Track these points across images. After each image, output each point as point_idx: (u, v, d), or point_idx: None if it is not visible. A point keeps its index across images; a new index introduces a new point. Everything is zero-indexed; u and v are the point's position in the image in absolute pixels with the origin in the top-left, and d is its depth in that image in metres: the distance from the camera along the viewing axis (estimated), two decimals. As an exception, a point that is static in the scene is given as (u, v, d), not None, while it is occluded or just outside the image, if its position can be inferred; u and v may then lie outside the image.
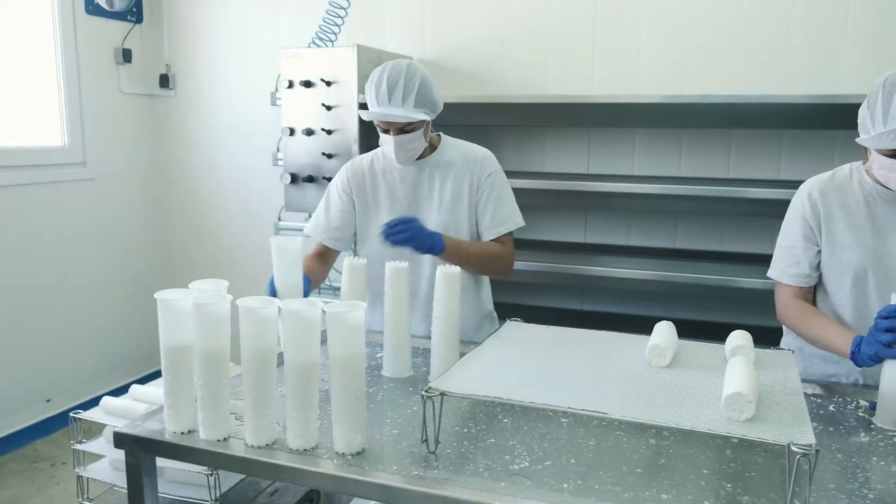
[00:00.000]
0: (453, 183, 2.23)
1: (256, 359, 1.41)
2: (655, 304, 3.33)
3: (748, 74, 3.14)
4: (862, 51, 2.99)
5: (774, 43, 3.10)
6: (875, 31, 2.97)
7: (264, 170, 3.91)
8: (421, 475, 1.34)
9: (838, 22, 3.01)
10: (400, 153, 2.15)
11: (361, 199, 2.29)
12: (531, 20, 3.44)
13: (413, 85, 2.08)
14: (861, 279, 1.86)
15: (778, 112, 2.89)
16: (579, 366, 1.63)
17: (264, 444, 1.45)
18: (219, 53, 4.10)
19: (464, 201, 2.23)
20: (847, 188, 1.90)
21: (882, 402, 1.60)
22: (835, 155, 3.10)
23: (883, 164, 1.76)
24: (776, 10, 3.08)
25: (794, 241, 1.95)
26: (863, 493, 1.31)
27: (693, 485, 1.32)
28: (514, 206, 2.29)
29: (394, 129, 2.11)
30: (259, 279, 4.00)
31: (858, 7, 2.98)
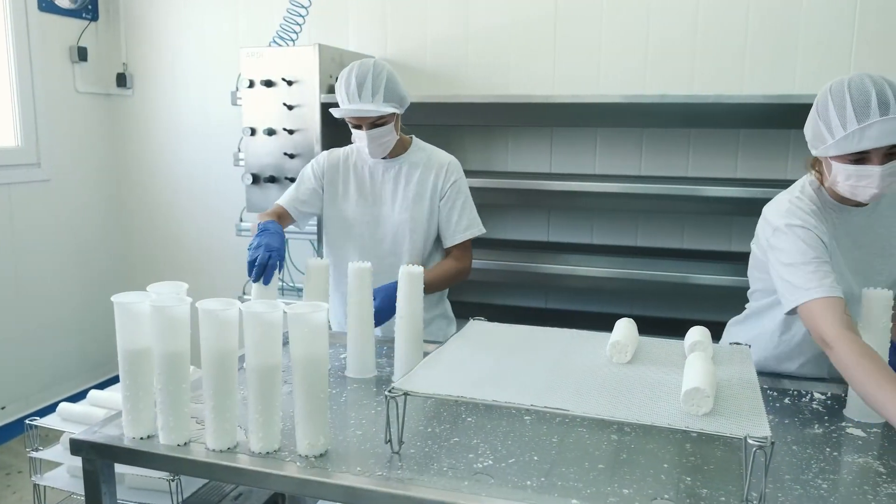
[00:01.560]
0: (417, 184, 2.31)
1: (217, 361, 1.39)
2: (618, 302, 3.38)
3: (706, 75, 3.20)
4: (814, 53, 3.06)
5: (731, 45, 3.16)
6: (826, 34, 3.05)
7: (225, 170, 3.87)
8: (385, 476, 1.34)
9: (792, 25, 3.08)
10: (373, 147, 2.22)
11: (332, 189, 2.37)
12: (493, 20, 3.46)
13: (381, 80, 2.16)
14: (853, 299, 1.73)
15: (734, 112, 2.95)
16: (542, 364, 1.64)
17: (226, 447, 1.43)
18: (177, 52, 4.04)
19: (424, 203, 2.31)
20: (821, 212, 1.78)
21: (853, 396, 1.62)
22: (788, 153, 3.18)
23: (849, 173, 1.66)
24: (732, 13, 3.14)
25: (818, 253, 1.69)
26: (817, 483, 1.34)
27: (654, 479, 1.34)
28: (476, 214, 2.39)
29: (366, 124, 2.19)
30: (220, 280, 3.98)
31: (810, 11, 3.06)
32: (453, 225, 2.33)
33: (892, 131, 1.57)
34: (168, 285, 1.55)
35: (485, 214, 2.42)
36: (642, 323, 1.91)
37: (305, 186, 2.38)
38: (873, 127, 1.57)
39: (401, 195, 2.32)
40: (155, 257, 4.30)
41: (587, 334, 1.87)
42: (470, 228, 2.34)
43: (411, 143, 2.37)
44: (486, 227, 2.38)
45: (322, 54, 3.16)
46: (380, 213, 2.34)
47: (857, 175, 1.65)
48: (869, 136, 1.58)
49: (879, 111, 1.57)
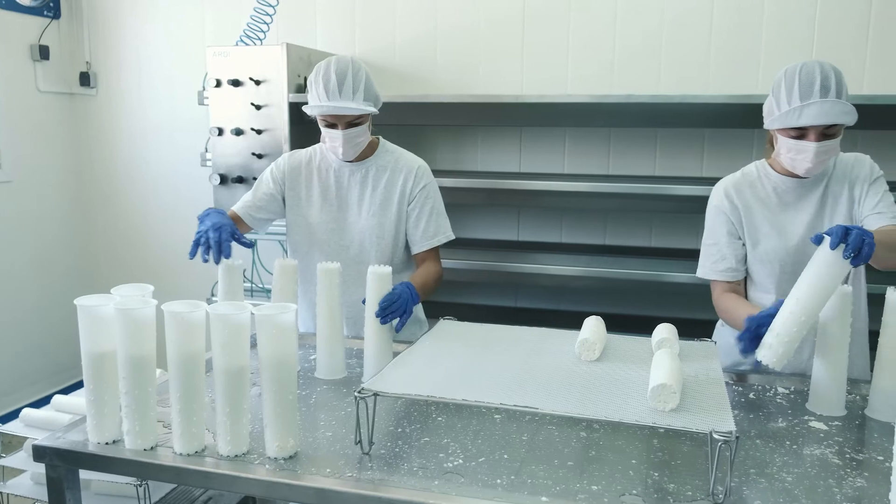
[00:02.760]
0: (384, 189, 2.23)
1: (183, 364, 1.38)
2: (587, 300, 3.40)
3: (671, 76, 3.24)
4: (776, 54, 3.12)
5: (695, 46, 3.20)
6: (787, 36, 3.11)
7: (192, 170, 3.81)
8: (355, 477, 1.34)
9: (754, 27, 3.14)
10: (347, 148, 2.13)
11: (293, 194, 2.27)
12: (461, 20, 3.46)
13: (361, 78, 2.08)
14: (786, 267, 1.95)
15: (699, 112, 2.99)
16: (511, 362, 1.65)
17: (193, 451, 1.42)
18: (143, 51, 3.98)
19: (392, 208, 2.23)
20: (757, 183, 2.01)
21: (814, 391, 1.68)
22: (752, 152, 3.23)
23: (790, 146, 1.85)
24: (697, 15, 3.18)
25: (717, 238, 2.03)
26: (781, 476, 1.37)
27: (622, 475, 1.36)
28: (446, 218, 2.31)
29: (342, 123, 2.09)
30: (188, 282, 3.94)
31: (771, 14, 3.11)
32: (421, 231, 2.24)
33: (827, 112, 1.76)
34: (133, 287, 1.53)
35: (455, 214, 2.41)
36: (611, 320, 1.94)
37: (263, 192, 2.27)
38: (812, 106, 1.77)
39: (367, 200, 2.23)
40: (120, 259, 4.23)
41: (556, 332, 1.89)
42: (438, 235, 2.26)
43: (378, 145, 2.28)
44: (455, 227, 2.35)
45: (290, 54, 3.13)
46: (345, 218, 2.24)
47: (796, 149, 1.85)
48: (807, 113, 1.77)
49: (820, 94, 1.77)
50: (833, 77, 1.79)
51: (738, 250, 2.01)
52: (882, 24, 3.01)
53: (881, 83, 3.01)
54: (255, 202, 2.26)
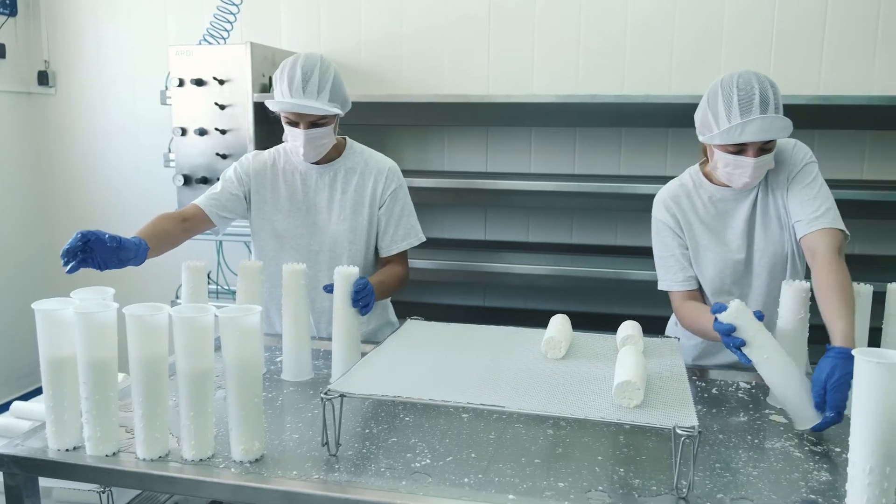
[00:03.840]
0: (354, 192, 2.18)
1: (146, 368, 1.36)
2: (554, 298, 3.43)
3: (635, 76, 3.28)
4: (736, 55, 3.17)
5: (658, 47, 3.25)
6: (746, 37, 3.16)
7: (155, 171, 3.75)
8: (322, 479, 1.33)
9: (714, 29, 3.19)
10: (309, 149, 2.07)
11: (259, 198, 2.20)
12: (427, 19, 3.46)
13: (328, 77, 2.02)
14: (725, 278, 1.96)
15: (663, 111, 3.02)
16: (478, 361, 1.65)
17: (157, 456, 1.40)
18: (103, 49, 3.90)
19: (364, 212, 2.19)
20: (693, 193, 1.99)
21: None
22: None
23: (727, 161, 1.82)
24: (659, 17, 3.23)
25: (672, 250, 2.00)
26: (747, 470, 1.40)
27: (588, 471, 1.37)
28: (416, 221, 2.28)
29: (305, 122, 2.03)
30: (152, 285, 3.87)
31: (732, 16, 3.17)
32: (391, 234, 2.21)
33: (768, 129, 1.74)
34: (93, 291, 1.50)
35: (422, 214, 2.40)
36: (578, 318, 1.95)
37: (229, 192, 2.16)
38: (753, 123, 1.73)
39: (338, 204, 2.17)
40: (82, 262, 4.14)
41: (522, 331, 1.90)
42: (408, 238, 2.23)
43: (346, 147, 2.23)
44: (423, 226, 2.33)
45: (254, 53, 3.10)
46: (315, 223, 2.19)
47: (734, 164, 1.82)
48: (749, 130, 1.74)
49: (760, 109, 1.74)
50: (770, 91, 1.76)
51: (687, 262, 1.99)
52: (837, 27, 3.08)
53: (836, 84, 3.08)
54: (223, 202, 2.15)
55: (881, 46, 3.05)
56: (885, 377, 1.12)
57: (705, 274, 1.97)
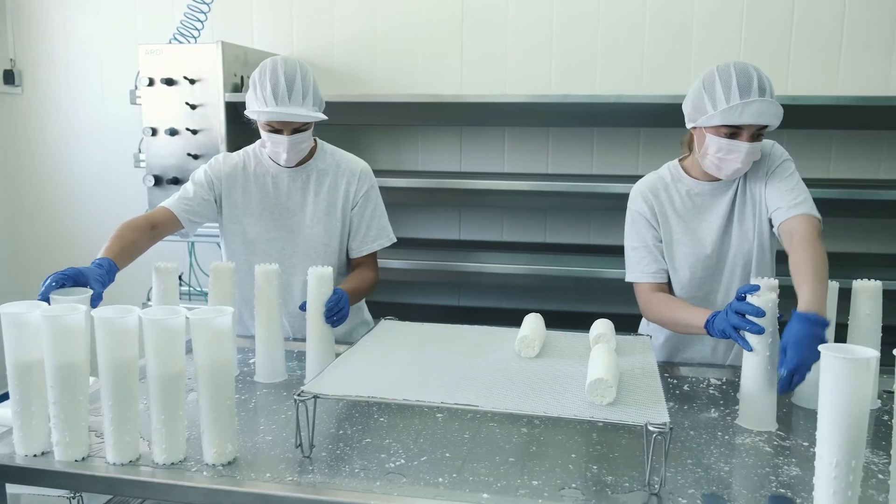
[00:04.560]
0: (328, 194, 2.18)
1: (115, 371, 1.34)
2: (529, 297, 3.44)
3: (607, 77, 3.31)
4: (705, 56, 3.21)
5: (630, 48, 3.28)
6: (716, 38, 3.20)
7: (125, 172, 3.70)
8: (296, 481, 1.33)
9: (684, 30, 3.22)
10: (291, 154, 2.07)
11: (230, 202, 2.17)
12: (400, 19, 3.46)
13: (309, 82, 2.01)
14: (696, 273, 1.98)
15: (634, 111, 3.06)
16: (452, 361, 1.65)
17: (128, 460, 1.38)
18: (71, 48, 3.84)
19: (337, 214, 2.18)
20: (671, 185, 2.01)
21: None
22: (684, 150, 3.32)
23: (721, 146, 1.83)
24: (631, 18, 3.26)
25: (644, 241, 2.00)
26: (718, 465, 1.41)
27: (562, 469, 1.38)
28: (387, 222, 2.28)
29: (289, 129, 2.02)
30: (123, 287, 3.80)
31: (701, 17, 3.21)
32: (362, 235, 2.21)
33: (766, 112, 1.78)
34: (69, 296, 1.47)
35: (396, 214, 2.41)
36: (552, 317, 1.96)
37: (201, 196, 2.13)
38: (753, 104, 1.77)
39: (311, 206, 2.16)
40: (50, 264, 4.06)
41: (496, 330, 1.90)
42: (379, 239, 2.23)
43: (317, 148, 2.22)
44: (397, 227, 2.35)
45: (225, 52, 3.08)
46: (288, 226, 2.17)
47: (728, 149, 1.83)
48: (749, 111, 1.77)
49: (759, 92, 1.78)
50: (766, 78, 1.80)
51: (663, 252, 2.01)
52: (804, 29, 3.13)
53: (804, 84, 3.14)
54: (195, 207, 2.11)
55: (846, 48, 3.11)
56: (851, 372, 1.14)
57: (677, 268, 1.99)
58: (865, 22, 3.09)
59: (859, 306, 1.70)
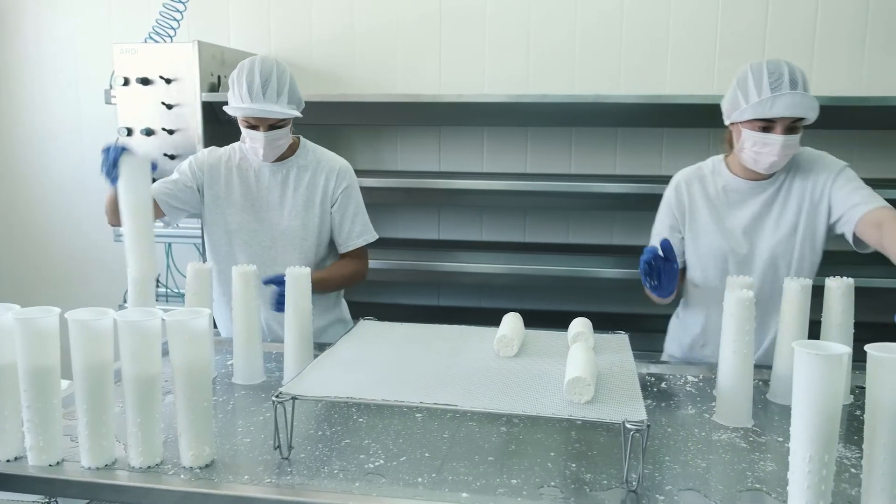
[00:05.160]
0: (306, 190, 2.23)
1: (90, 374, 1.32)
2: (508, 296, 3.45)
3: (585, 76, 3.32)
4: (682, 57, 3.24)
5: (607, 48, 3.29)
6: (692, 39, 3.23)
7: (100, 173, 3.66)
8: (274, 483, 1.32)
9: (661, 31, 3.25)
10: (268, 150, 2.13)
11: (212, 193, 2.24)
12: (379, 18, 3.45)
13: (285, 80, 2.08)
14: (722, 265, 2.02)
15: (612, 111, 3.07)
16: (431, 360, 1.66)
17: (103, 464, 1.36)
18: (44, 47, 3.78)
19: (315, 209, 2.23)
20: (708, 179, 2.06)
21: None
22: (662, 150, 3.35)
23: (755, 140, 1.88)
24: (608, 19, 3.27)
25: (661, 230, 2.10)
26: (696, 462, 1.43)
27: (541, 467, 1.38)
28: (368, 219, 2.33)
29: (264, 125, 2.09)
30: (98, 289, 3.78)
31: (678, 18, 3.23)
32: (346, 232, 2.27)
33: (798, 105, 1.81)
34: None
35: (375, 214, 2.41)
36: (531, 316, 1.97)
37: (183, 183, 2.20)
38: (784, 97, 1.81)
39: (289, 200, 2.22)
40: (23, 267, 4.01)
41: (475, 330, 1.91)
42: (363, 235, 2.29)
43: (299, 145, 2.28)
44: (376, 226, 2.37)
45: (202, 51, 3.05)
46: (267, 219, 2.23)
47: (763, 142, 1.87)
48: (780, 104, 1.82)
49: (790, 85, 1.82)
50: (798, 72, 1.84)
51: (677, 244, 2.04)
52: (778, 29, 3.17)
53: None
54: (175, 191, 2.17)
55: (819, 49, 3.16)
56: (824, 369, 1.16)
57: (702, 258, 2.03)
58: (839, 24, 3.14)
59: (832, 303, 1.72)
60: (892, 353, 1.16)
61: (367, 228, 2.31)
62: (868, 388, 1.17)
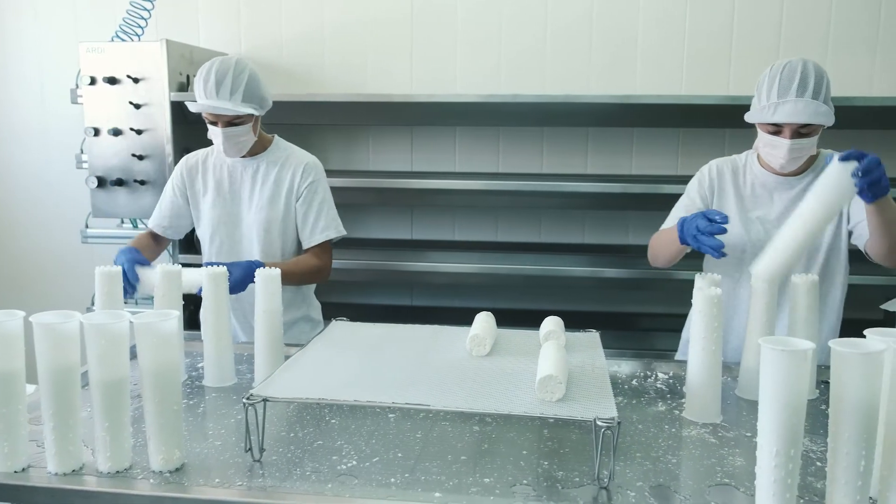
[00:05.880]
0: (273, 184, 2.28)
1: (56, 378, 1.30)
2: (481, 296, 3.46)
3: (556, 76, 3.34)
4: (652, 57, 3.28)
5: (578, 48, 3.32)
6: (661, 38, 3.27)
7: (67, 173, 3.60)
8: (246, 486, 1.31)
9: (631, 30, 3.28)
10: (228, 146, 2.19)
11: (193, 192, 2.34)
12: (349, 17, 3.44)
13: (241, 80, 2.13)
14: (740, 254, 2.03)
15: (582, 111, 3.10)
16: (404, 360, 1.65)
17: (70, 470, 1.34)
18: (8, 45, 3.71)
19: (280, 203, 2.28)
20: (740, 170, 2.09)
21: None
22: (632, 150, 3.38)
23: (766, 141, 1.92)
24: (578, 18, 3.30)
25: (692, 198, 2.10)
26: (666, 458, 1.44)
27: (513, 466, 1.39)
28: (336, 215, 2.35)
29: (222, 121, 2.15)
30: (66, 291, 3.72)
31: (647, 19, 3.27)
32: (310, 226, 2.29)
33: (800, 112, 1.82)
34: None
35: (347, 214, 2.41)
36: (504, 315, 1.98)
37: (166, 203, 2.35)
38: (787, 104, 1.83)
39: (257, 194, 2.28)
40: (-12, 269, 3.94)
41: (448, 329, 1.91)
42: (327, 230, 2.30)
43: (272, 143, 2.34)
44: (349, 227, 2.37)
45: (170, 50, 3.01)
46: (238, 213, 2.30)
47: (772, 144, 1.91)
48: (781, 111, 1.84)
49: (797, 92, 1.83)
50: (813, 77, 1.83)
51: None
52: (745, 30, 3.22)
53: (745, 85, 3.22)
54: (162, 214, 2.35)
55: (783, 49, 3.21)
56: (789, 364, 1.18)
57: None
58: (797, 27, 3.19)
59: (797, 299, 1.75)
60: (855, 348, 1.18)
61: (332, 224, 2.31)
62: (832, 382, 1.19)
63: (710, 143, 3.26)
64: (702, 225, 1.76)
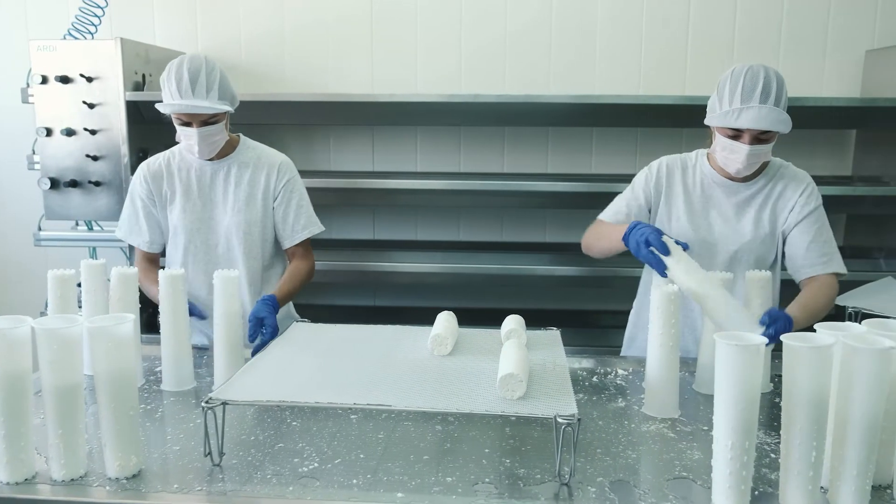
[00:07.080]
0: (248, 185, 2.25)
1: (6, 384, 1.27)
2: (443, 295, 3.46)
3: (516, 77, 3.36)
4: (609, 58, 3.32)
5: (537, 49, 3.35)
6: (618, 39, 3.31)
7: (18, 174, 3.50)
8: (205, 490, 1.29)
9: (589, 31, 3.32)
10: (203, 146, 2.13)
11: (160, 199, 2.26)
12: (309, 16, 3.41)
13: (214, 77, 2.09)
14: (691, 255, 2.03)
15: (542, 111, 3.12)
16: (366, 361, 1.65)
17: (23, 478, 1.31)
18: (-46, 43, 3.60)
19: (257, 204, 2.25)
20: (689, 169, 2.10)
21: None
22: (592, 149, 3.42)
23: (725, 145, 1.92)
24: (537, 19, 3.32)
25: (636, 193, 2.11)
26: (626, 453, 1.46)
27: (476, 464, 1.40)
28: (313, 212, 2.35)
29: (197, 121, 2.09)
30: (18, 296, 3.62)
31: (605, 20, 3.31)
32: (290, 225, 2.28)
33: (764, 118, 1.83)
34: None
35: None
36: (466, 314, 1.98)
37: (143, 216, 2.26)
38: (750, 110, 1.84)
39: (231, 197, 2.23)
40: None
41: (410, 329, 1.91)
42: (308, 227, 2.30)
43: (239, 142, 2.30)
44: (311, 228, 2.35)
45: (125, 49, 2.95)
46: (211, 217, 2.24)
47: (731, 149, 1.92)
48: (745, 116, 1.84)
49: (760, 99, 1.84)
50: (775, 84, 1.85)
51: (637, 211, 2.09)
52: (699, 29, 3.28)
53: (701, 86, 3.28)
54: (152, 233, 2.27)
55: (738, 52, 3.28)
56: (742, 359, 1.20)
57: None
58: (751, 30, 3.26)
59: (751, 295, 1.79)
60: (806, 342, 1.21)
61: (311, 221, 2.32)
62: (784, 376, 1.22)
63: (668, 142, 3.31)
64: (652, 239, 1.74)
